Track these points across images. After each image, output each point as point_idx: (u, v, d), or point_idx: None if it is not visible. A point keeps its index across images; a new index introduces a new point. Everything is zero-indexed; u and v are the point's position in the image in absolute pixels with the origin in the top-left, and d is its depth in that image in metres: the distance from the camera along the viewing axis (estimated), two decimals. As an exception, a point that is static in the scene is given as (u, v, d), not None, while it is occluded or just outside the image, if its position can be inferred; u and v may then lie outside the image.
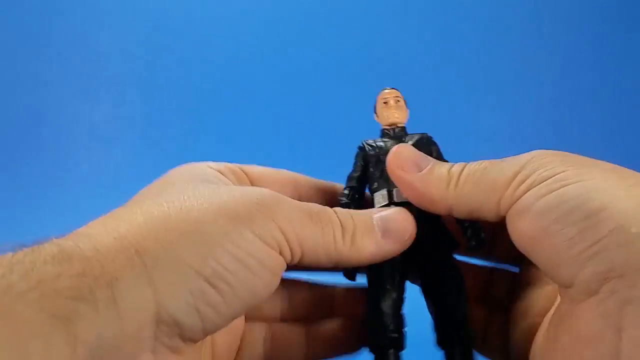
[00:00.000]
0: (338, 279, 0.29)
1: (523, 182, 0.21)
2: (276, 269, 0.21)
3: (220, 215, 0.20)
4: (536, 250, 0.20)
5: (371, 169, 0.28)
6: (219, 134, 0.84)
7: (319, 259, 0.22)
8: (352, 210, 0.24)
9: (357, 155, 0.29)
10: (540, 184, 0.20)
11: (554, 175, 0.20)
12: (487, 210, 0.22)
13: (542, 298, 0.25)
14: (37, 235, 0.18)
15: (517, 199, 0.21)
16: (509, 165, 0.22)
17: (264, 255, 0.20)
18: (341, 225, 0.23)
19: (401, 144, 0.26)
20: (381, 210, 0.25)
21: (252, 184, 0.27)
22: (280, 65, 0.86)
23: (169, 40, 0.88)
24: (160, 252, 0.18)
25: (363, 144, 0.29)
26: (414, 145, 0.27)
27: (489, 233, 0.26)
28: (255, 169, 0.28)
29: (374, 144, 0.29)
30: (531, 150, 0.23)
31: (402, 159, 0.25)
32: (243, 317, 0.28)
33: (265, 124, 0.83)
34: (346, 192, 0.28)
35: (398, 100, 0.29)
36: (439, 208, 0.24)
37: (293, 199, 0.24)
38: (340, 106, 0.80)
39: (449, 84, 0.84)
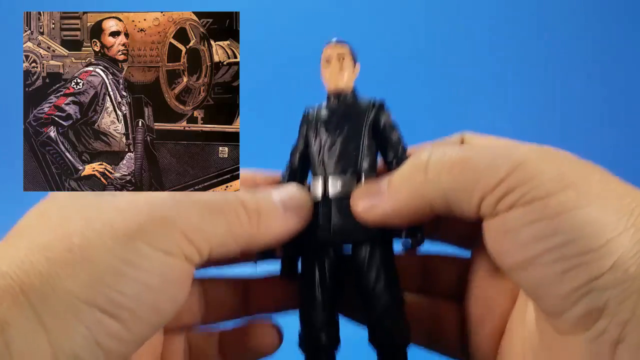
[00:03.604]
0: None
1: (509, 192, 0.18)
2: (183, 278, 0.20)
3: (107, 236, 0.18)
4: (522, 276, 0.19)
5: (312, 145, 0.24)
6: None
7: (229, 248, 0.21)
8: (254, 192, 0.23)
9: (300, 125, 0.25)
10: (530, 203, 0.18)
11: (545, 197, 0.18)
12: (466, 208, 0.20)
13: (501, 295, 0.23)
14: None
15: (502, 212, 0.19)
16: (494, 165, 0.19)
17: (167, 268, 0.19)
18: (245, 208, 0.22)
19: (355, 191, 0.23)
20: (279, 189, 0.24)
21: None
22: (280, 65, 0.85)
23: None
24: (46, 287, 0.16)
25: (307, 111, 0.24)
26: (356, 110, 0.23)
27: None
28: None
29: (315, 113, 0.24)
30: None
31: (363, 202, 0.23)
32: (162, 332, 0.26)
33: (267, 123, 0.83)
34: (285, 173, 0.25)
35: (342, 58, 0.24)
36: (418, 207, 0.21)
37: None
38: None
39: (448, 83, 0.84)
